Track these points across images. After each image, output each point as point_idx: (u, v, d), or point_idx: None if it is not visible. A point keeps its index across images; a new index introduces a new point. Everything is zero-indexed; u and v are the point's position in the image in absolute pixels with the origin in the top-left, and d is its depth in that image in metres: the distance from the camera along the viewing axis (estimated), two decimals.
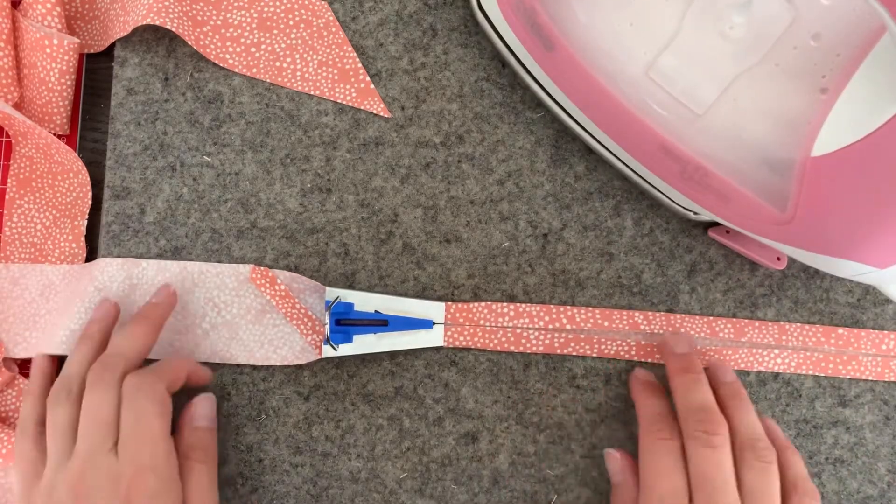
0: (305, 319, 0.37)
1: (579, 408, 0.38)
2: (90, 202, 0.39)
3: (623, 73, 0.33)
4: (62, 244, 0.38)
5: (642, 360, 0.37)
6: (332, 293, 0.37)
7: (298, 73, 0.39)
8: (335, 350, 0.36)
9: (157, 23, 0.36)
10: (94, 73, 0.40)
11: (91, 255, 0.39)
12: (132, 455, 0.31)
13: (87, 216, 0.39)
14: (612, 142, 0.35)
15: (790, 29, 0.31)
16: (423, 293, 0.38)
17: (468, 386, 0.38)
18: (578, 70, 0.33)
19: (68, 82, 0.38)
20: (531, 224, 0.39)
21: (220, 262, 0.38)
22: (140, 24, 0.36)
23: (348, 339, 0.36)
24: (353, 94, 0.39)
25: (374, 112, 0.39)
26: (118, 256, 0.38)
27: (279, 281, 0.37)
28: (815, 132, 0.29)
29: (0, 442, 0.35)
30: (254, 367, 0.38)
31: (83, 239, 0.38)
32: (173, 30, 0.37)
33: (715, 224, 0.38)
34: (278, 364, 0.37)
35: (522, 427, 0.38)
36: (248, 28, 0.39)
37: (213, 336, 0.37)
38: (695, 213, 0.37)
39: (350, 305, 0.37)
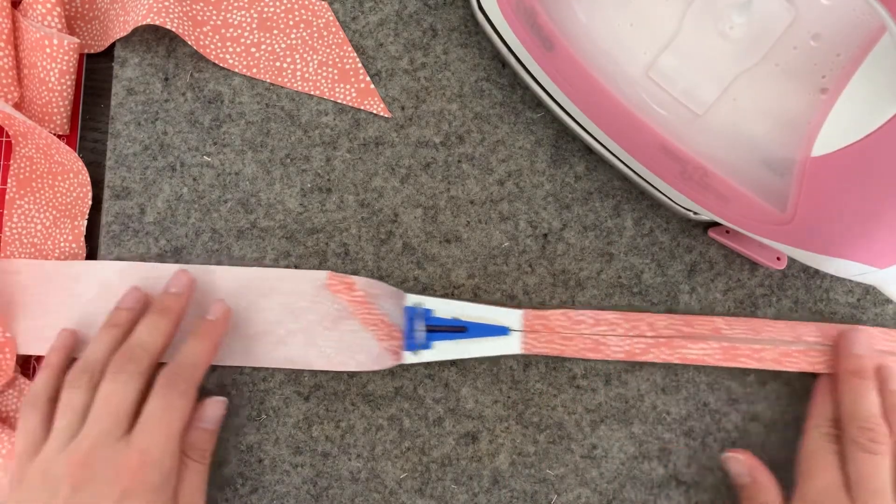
0: (382, 325, 0.37)
1: (579, 408, 0.38)
2: (90, 202, 0.39)
3: (623, 73, 0.33)
4: (62, 244, 0.38)
5: (727, 364, 0.37)
6: (412, 299, 0.37)
7: (298, 73, 0.39)
8: (416, 356, 0.36)
9: (157, 23, 0.36)
10: (94, 73, 0.40)
11: (91, 255, 0.39)
12: (144, 445, 0.31)
13: (87, 216, 0.39)
14: (612, 142, 0.35)
15: (790, 29, 0.31)
16: (422, 293, 0.38)
17: (468, 386, 0.38)
18: (578, 70, 0.33)
19: (68, 82, 0.38)
20: (531, 224, 0.39)
21: (219, 262, 0.38)
22: (140, 24, 0.36)
23: (427, 346, 0.36)
24: (353, 94, 0.39)
25: (374, 112, 0.39)
26: (118, 257, 0.38)
27: (357, 286, 0.37)
28: (815, 132, 0.29)
29: (0, 442, 0.35)
30: (254, 368, 0.38)
31: (83, 239, 0.38)
32: (173, 30, 0.37)
33: (715, 224, 0.38)
34: (355, 370, 0.37)
35: (522, 427, 0.38)
36: (248, 28, 0.39)
37: (290, 342, 0.37)
38: (695, 213, 0.37)
39: (429, 311, 0.37)
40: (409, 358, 0.36)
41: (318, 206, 0.39)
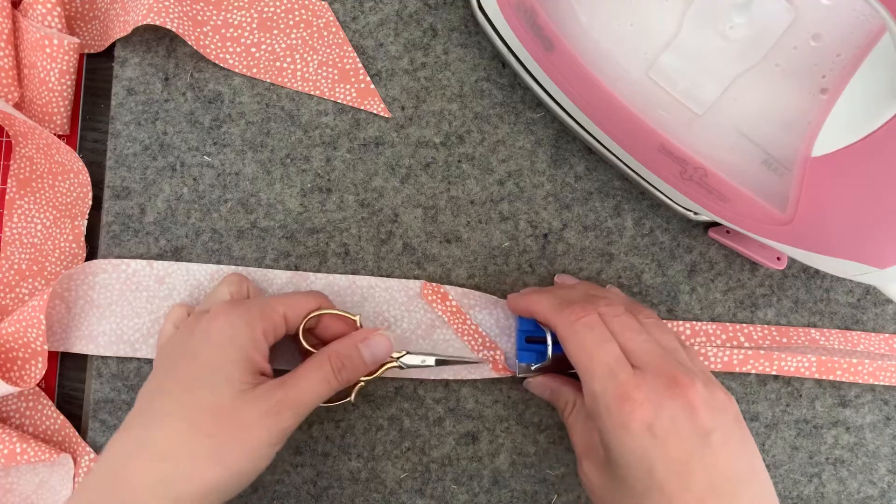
0: (476, 336, 0.37)
1: None
2: (90, 202, 0.39)
3: (623, 73, 0.33)
4: (62, 244, 0.38)
5: (823, 377, 0.37)
6: None
7: (298, 73, 0.39)
8: (528, 369, 0.36)
9: (158, 23, 0.36)
10: (94, 73, 0.40)
11: (91, 255, 0.39)
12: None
13: (87, 216, 0.39)
14: (612, 142, 0.35)
15: (790, 29, 0.31)
16: None
17: (468, 386, 0.38)
18: (578, 70, 0.33)
19: (68, 82, 0.38)
20: (531, 224, 0.39)
21: (219, 262, 0.38)
22: (140, 24, 0.36)
23: (542, 358, 0.36)
24: (353, 94, 0.39)
25: (375, 112, 0.39)
26: (118, 257, 0.38)
27: (451, 297, 0.37)
28: (815, 132, 0.29)
29: (1, 441, 0.35)
30: None
31: (83, 239, 0.38)
32: (173, 30, 0.37)
33: (715, 224, 0.38)
34: (450, 378, 0.37)
35: (522, 427, 0.38)
36: (248, 28, 0.39)
37: None
38: (695, 213, 0.37)
39: (536, 324, 0.36)
40: (524, 371, 0.36)
41: (319, 206, 0.39)
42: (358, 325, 0.35)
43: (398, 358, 0.35)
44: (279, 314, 0.33)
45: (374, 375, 0.35)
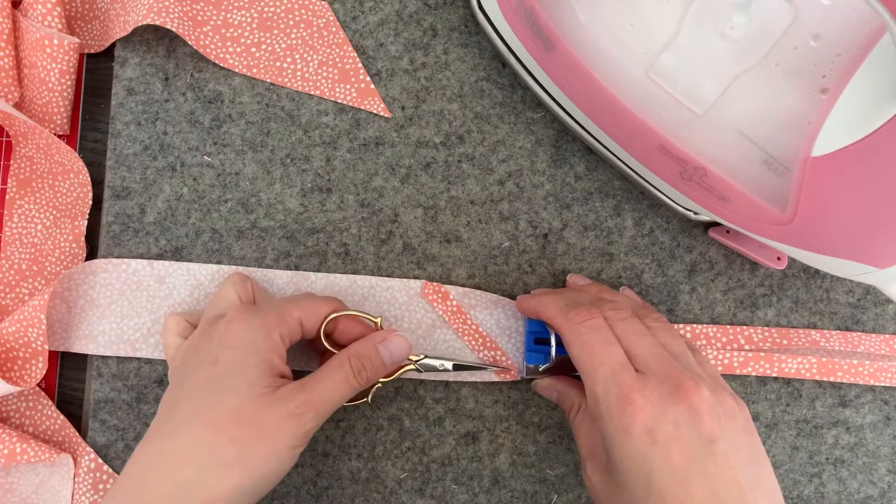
0: (476, 336, 0.37)
1: None
2: (90, 202, 0.39)
3: (623, 73, 0.33)
4: (62, 244, 0.38)
5: (824, 378, 0.37)
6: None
7: (299, 73, 0.39)
8: (538, 370, 0.36)
9: (158, 23, 0.36)
10: (95, 73, 0.40)
11: (91, 255, 0.39)
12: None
13: (87, 216, 0.39)
14: (612, 142, 0.35)
15: (790, 29, 0.31)
16: None
17: (468, 386, 0.38)
18: (578, 70, 0.33)
19: (68, 82, 0.38)
20: (531, 224, 0.39)
21: (220, 262, 0.38)
22: (140, 24, 0.36)
23: (547, 360, 0.35)
24: (354, 94, 0.39)
25: (375, 112, 0.39)
26: (119, 256, 0.38)
27: (451, 296, 0.37)
28: (815, 132, 0.29)
29: (1, 441, 0.35)
30: None
31: (83, 239, 0.38)
32: (173, 30, 0.37)
33: (715, 224, 0.38)
34: (451, 380, 0.37)
35: (523, 427, 0.38)
36: (248, 28, 0.39)
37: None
38: (695, 213, 0.37)
39: (543, 323, 0.36)
40: (532, 372, 0.36)
41: (319, 206, 0.39)
42: (379, 327, 0.35)
43: (416, 361, 0.35)
44: (295, 318, 0.33)
45: (392, 377, 0.35)
